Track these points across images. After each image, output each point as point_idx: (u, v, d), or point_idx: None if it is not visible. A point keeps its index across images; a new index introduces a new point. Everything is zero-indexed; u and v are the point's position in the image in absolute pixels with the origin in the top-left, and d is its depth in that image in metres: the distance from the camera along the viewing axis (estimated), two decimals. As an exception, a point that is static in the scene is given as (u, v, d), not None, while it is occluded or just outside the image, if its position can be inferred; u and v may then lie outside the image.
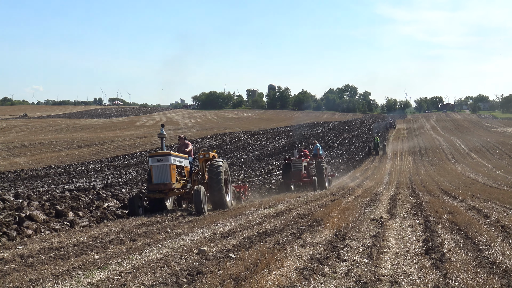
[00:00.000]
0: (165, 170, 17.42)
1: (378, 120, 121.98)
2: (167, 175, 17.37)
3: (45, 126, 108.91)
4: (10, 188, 27.73)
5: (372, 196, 22.93)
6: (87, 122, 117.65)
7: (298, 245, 10.02)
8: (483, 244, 9.53)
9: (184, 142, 20.97)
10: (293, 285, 6.83)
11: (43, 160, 53.11)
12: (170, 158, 17.48)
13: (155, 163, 17.51)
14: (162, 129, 18.70)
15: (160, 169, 17.47)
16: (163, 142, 18.60)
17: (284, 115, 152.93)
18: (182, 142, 21.04)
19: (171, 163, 17.51)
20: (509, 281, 6.79)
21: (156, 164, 17.50)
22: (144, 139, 71.95)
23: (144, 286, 7.14)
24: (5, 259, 9.78)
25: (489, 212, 14.85)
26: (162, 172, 17.45)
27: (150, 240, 11.74)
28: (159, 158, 17.52)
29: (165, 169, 17.43)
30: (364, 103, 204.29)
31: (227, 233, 12.27)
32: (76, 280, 7.70)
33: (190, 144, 20.99)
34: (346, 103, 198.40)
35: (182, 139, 21.25)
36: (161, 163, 17.47)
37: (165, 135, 18.64)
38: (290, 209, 17.84)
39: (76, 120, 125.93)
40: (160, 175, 17.44)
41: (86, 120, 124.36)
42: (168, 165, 17.41)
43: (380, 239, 10.64)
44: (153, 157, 17.76)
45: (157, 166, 17.50)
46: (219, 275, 7.41)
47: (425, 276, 7.21)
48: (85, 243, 11.51)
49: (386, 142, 78.42)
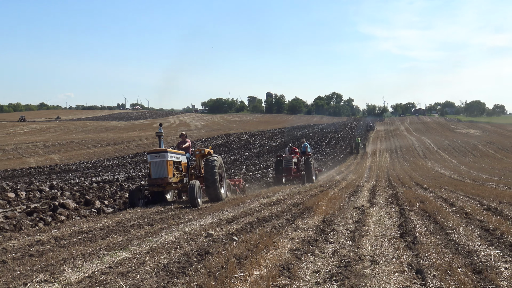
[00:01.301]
0: (162, 165, 16.68)
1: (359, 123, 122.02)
2: (164, 170, 16.65)
3: (75, 127, 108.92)
4: (46, 180, 27.77)
5: (355, 187, 22.91)
6: (111, 124, 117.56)
7: (291, 229, 10.01)
8: (450, 229, 9.53)
9: (184, 139, 20.13)
10: (287, 264, 6.82)
11: (74, 157, 53.13)
12: (167, 155, 16.76)
13: (153, 159, 16.78)
14: (160, 128, 18.01)
15: (158, 164, 16.71)
16: (161, 140, 17.83)
17: (280, 119, 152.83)
18: (182, 139, 20.17)
19: (168, 159, 16.78)
20: (472, 260, 6.79)
21: (154, 160, 16.75)
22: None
23: (160, 265, 7.14)
24: (41, 241, 9.80)
25: (455, 201, 14.84)
26: (159, 167, 16.70)
27: (165, 225, 11.74)
28: (157, 155, 16.77)
29: (162, 164, 16.69)
30: (348, 108, 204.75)
31: (231, 219, 12.28)
32: (102, 259, 7.70)
33: (188, 141, 20.15)
34: (333, 108, 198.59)
35: (183, 136, 20.38)
36: (159, 159, 16.72)
37: (163, 133, 17.83)
38: (284, 198, 17.83)
39: (102, 122, 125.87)
40: (158, 170, 16.69)
41: (110, 123, 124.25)
42: (165, 161, 16.69)
43: (361, 224, 10.64)
44: (151, 154, 17.04)
45: (155, 162, 16.74)
46: (224, 255, 7.42)
47: (400, 256, 7.21)
48: (110, 227, 11.51)
49: (367, 142, 78.49)
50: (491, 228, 9.38)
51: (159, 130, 17.76)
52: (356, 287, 5.81)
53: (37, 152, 58.51)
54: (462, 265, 6.45)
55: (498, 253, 7.24)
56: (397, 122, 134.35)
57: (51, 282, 6.35)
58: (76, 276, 6.59)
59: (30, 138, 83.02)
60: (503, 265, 6.56)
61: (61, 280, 6.40)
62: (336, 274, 6.32)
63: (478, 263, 6.60)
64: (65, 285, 6.16)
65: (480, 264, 6.54)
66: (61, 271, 6.90)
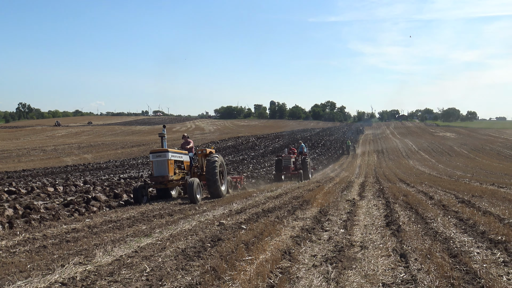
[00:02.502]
0: (163, 164, 15.66)
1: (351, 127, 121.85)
2: (165, 169, 15.61)
3: (106, 131, 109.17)
4: (80, 177, 27.83)
5: (347, 183, 22.87)
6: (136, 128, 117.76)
7: (292, 219, 10.01)
8: (429, 219, 9.50)
9: (187, 140, 18.87)
10: (288, 249, 6.82)
11: (104, 156, 53.25)
12: (168, 154, 15.70)
13: (155, 159, 15.72)
14: (164, 130, 16.84)
15: (159, 163, 15.68)
16: (163, 141, 16.61)
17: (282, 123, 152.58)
18: (185, 140, 18.89)
19: (169, 159, 15.71)
20: (448, 245, 6.77)
21: (156, 160, 15.70)
22: (178, 141, 71.91)
23: (179, 249, 7.15)
24: (76, 228, 9.83)
25: (433, 195, 14.80)
26: (161, 166, 15.66)
27: (183, 215, 11.75)
28: (159, 154, 15.73)
29: (163, 163, 15.66)
30: (341, 114, 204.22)
31: (240, 210, 12.28)
32: (129, 244, 7.71)
33: (191, 142, 18.89)
34: (328, 115, 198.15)
35: (186, 137, 19.08)
36: (160, 159, 15.68)
37: (165, 134, 16.67)
38: (286, 192, 17.81)
39: (128, 126, 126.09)
40: (159, 169, 15.67)
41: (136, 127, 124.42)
42: (166, 160, 15.64)
43: (353, 215, 10.62)
44: (153, 153, 15.90)
45: (156, 161, 15.70)
46: (234, 241, 7.42)
47: (386, 242, 7.20)
48: (135, 217, 11.52)
49: (357, 144, 78.26)
50: (465, 218, 9.36)
51: (163, 131, 16.74)
52: (348, 269, 5.81)
53: (72, 153, 58.68)
54: (440, 250, 6.44)
55: (471, 240, 7.23)
56: (383, 127, 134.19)
57: (85, 264, 6.37)
58: (106, 259, 6.61)
59: (67, 140, 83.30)
60: (475, 250, 6.55)
61: (93, 263, 6.42)
62: (331, 257, 6.32)
63: (454, 249, 6.59)
64: (97, 267, 6.18)
65: (456, 249, 6.53)
66: (94, 254, 6.92)
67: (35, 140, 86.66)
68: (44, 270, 6.13)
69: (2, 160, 49.68)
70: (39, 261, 6.67)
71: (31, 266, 6.39)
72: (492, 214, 9.67)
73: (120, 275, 5.76)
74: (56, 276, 5.72)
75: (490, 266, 5.67)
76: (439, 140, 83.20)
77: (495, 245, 6.77)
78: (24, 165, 42.88)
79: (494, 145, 71.24)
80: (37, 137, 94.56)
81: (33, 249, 7.68)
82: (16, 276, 5.87)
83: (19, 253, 7.37)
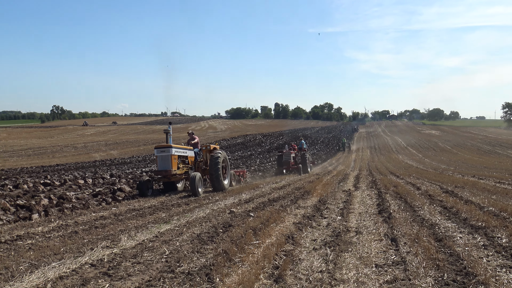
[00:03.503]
0: (167, 159, 14.82)
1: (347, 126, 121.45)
2: (169, 164, 14.79)
3: (129, 130, 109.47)
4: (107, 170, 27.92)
5: (343, 175, 22.81)
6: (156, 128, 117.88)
7: (294, 208, 10.00)
8: (417, 207, 9.47)
9: (192, 136, 17.68)
10: (291, 234, 6.81)
11: (128, 153, 53.36)
12: (171, 150, 14.88)
13: (159, 154, 14.95)
14: (170, 127, 15.91)
15: (163, 158, 14.87)
16: (168, 137, 15.69)
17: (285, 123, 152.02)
18: (191, 137, 17.71)
19: (172, 154, 14.89)
20: (434, 231, 6.74)
21: (160, 155, 14.91)
22: (194, 138, 71.91)
23: (194, 234, 7.16)
24: (104, 216, 9.87)
25: (420, 186, 14.72)
26: (164, 161, 14.84)
27: (198, 204, 11.77)
28: (163, 150, 14.94)
29: (167, 158, 14.83)
30: (338, 115, 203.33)
31: (248, 200, 12.28)
32: (150, 230, 7.74)
33: (196, 138, 17.73)
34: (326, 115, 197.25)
35: (191, 134, 17.87)
36: (164, 154, 14.87)
37: (169, 131, 15.73)
38: (289, 184, 17.79)
39: (149, 126, 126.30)
40: (163, 163, 14.86)
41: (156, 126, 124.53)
42: (169, 155, 14.81)
43: (348, 204, 10.59)
44: (157, 149, 15.13)
45: (160, 156, 14.91)
46: (243, 227, 7.42)
47: (378, 228, 7.18)
48: (156, 206, 11.55)
49: (352, 141, 77.96)
50: (449, 206, 9.31)
51: (168, 127, 15.85)
52: (345, 252, 5.80)
53: (100, 149, 58.85)
54: (427, 235, 6.41)
55: (455, 226, 7.20)
56: (376, 125, 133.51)
57: (112, 247, 6.39)
58: (130, 243, 6.63)
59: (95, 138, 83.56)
60: (458, 235, 6.52)
61: (119, 246, 6.44)
62: (329, 241, 6.31)
63: (439, 233, 6.56)
64: (122, 250, 6.20)
65: (441, 234, 6.50)
66: (119, 239, 6.95)
67: (67, 138, 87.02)
68: (76, 252, 6.16)
69: (39, 156, 49.95)
70: (71, 245, 6.70)
71: (64, 249, 6.43)
72: (473, 203, 9.61)
73: (143, 257, 5.78)
74: (86, 258, 5.75)
75: (472, 249, 5.64)
76: (425, 137, 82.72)
77: (476, 230, 6.74)
78: (57, 160, 43.07)
79: (474, 142, 70.74)
80: (69, 135, 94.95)
81: (66, 234, 7.73)
82: (51, 258, 5.91)
83: (54, 238, 7.41)
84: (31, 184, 15.25)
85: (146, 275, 5.00)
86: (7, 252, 6.40)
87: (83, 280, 4.84)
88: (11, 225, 8.94)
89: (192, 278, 4.70)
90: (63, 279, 4.87)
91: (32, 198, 11.65)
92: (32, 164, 36.94)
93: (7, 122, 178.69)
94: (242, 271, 4.89)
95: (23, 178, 19.71)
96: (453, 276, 4.59)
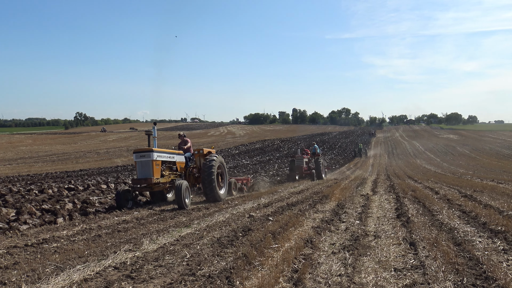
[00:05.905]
0: (147, 165, 12.57)
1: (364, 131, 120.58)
2: (150, 171, 12.53)
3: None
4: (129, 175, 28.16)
5: (361, 180, 22.65)
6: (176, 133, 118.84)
7: (313, 212, 9.96)
8: (435, 211, 9.35)
9: (184, 139, 15.72)
10: (310, 238, 6.79)
11: (149, 158, 53.77)
12: (152, 154, 12.56)
13: (138, 159, 12.69)
14: (154, 127, 13.88)
15: (143, 164, 12.62)
16: (150, 139, 13.71)
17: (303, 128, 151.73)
18: (182, 140, 15.77)
19: (154, 159, 12.59)
20: (453, 235, 6.65)
21: (139, 160, 12.66)
22: (213, 143, 72.35)
23: (214, 238, 7.18)
24: (126, 220, 9.97)
25: (439, 190, 14.55)
26: (144, 167, 12.60)
27: (217, 208, 11.81)
28: (142, 154, 12.64)
29: (147, 164, 12.57)
30: (355, 119, 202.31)
31: (267, 204, 12.28)
32: (171, 233, 7.79)
33: (189, 142, 15.72)
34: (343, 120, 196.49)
35: (182, 136, 15.88)
36: (144, 159, 12.59)
37: (152, 132, 13.62)
38: (307, 188, 17.74)
39: (169, 132, 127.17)
40: (143, 170, 12.62)
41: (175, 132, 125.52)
42: (150, 161, 12.54)
43: (367, 208, 10.51)
44: (136, 153, 12.82)
45: (140, 162, 12.66)
46: (262, 231, 7.42)
47: (397, 232, 7.11)
48: (176, 210, 11.63)
49: (369, 145, 77.32)
50: (468, 210, 9.18)
51: (153, 128, 13.80)
52: (364, 256, 5.75)
53: (122, 155, 59.50)
54: (446, 239, 6.33)
55: (474, 230, 7.09)
56: (393, 130, 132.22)
57: (134, 251, 6.46)
58: (152, 247, 6.69)
59: (117, 144, 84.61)
60: (477, 239, 6.42)
61: (141, 250, 6.50)
62: (348, 245, 6.27)
63: (458, 238, 6.47)
64: (144, 253, 6.26)
65: (460, 238, 6.41)
66: (141, 242, 7.01)
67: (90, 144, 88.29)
68: (99, 256, 6.24)
69: (63, 162, 50.73)
70: (95, 248, 6.79)
71: (88, 252, 6.52)
72: (492, 207, 9.46)
73: (164, 261, 5.83)
74: (109, 261, 5.82)
75: (491, 254, 5.55)
76: (443, 142, 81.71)
77: (496, 234, 6.63)
78: (81, 165, 43.67)
79: (493, 146, 69.67)
80: (91, 141, 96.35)
81: (90, 237, 7.83)
82: (76, 261, 5.99)
83: (78, 241, 7.52)
84: (55, 189, 15.52)
85: (168, 278, 5.04)
86: (33, 255, 6.51)
87: (106, 282, 4.90)
88: (37, 228, 9.11)
89: (212, 281, 4.72)
90: (88, 282, 4.94)
91: (57, 203, 11.86)
92: (56, 170, 37.56)
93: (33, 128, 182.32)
94: (261, 275, 4.89)
95: (48, 183, 20.06)
96: (472, 280, 4.52)
